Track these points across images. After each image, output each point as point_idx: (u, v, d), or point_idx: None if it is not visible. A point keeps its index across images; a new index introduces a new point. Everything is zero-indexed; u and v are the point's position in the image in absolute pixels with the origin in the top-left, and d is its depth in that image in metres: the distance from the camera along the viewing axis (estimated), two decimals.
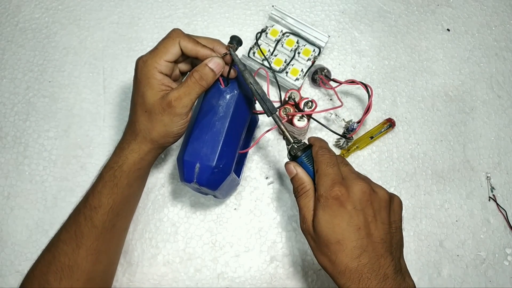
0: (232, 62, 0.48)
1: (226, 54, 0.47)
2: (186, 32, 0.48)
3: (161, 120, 0.45)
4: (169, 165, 0.61)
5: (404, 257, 0.57)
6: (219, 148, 0.46)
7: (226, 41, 0.66)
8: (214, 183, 0.47)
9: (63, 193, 0.60)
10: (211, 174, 0.46)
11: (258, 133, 0.62)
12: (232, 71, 0.49)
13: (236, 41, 0.49)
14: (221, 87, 0.49)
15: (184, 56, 0.48)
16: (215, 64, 0.46)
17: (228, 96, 0.48)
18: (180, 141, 0.61)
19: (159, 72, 0.45)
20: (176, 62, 0.48)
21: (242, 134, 0.50)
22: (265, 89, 0.62)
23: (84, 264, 0.47)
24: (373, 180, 0.43)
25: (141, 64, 0.46)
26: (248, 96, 0.50)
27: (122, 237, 0.54)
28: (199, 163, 0.46)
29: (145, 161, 0.49)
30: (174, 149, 0.61)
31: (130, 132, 0.48)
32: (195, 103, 0.47)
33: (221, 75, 0.48)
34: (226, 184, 0.50)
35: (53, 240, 0.50)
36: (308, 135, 0.62)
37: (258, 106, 0.61)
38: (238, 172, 0.57)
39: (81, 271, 0.47)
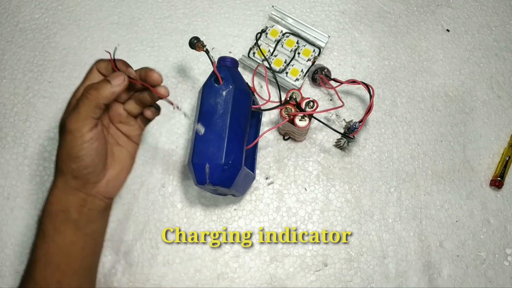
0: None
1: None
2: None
3: (61, 146, 0.43)
4: (169, 165, 0.61)
5: (405, 257, 0.58)
6: (225, 145, 0.46)
7: (226, 41, 0.66)
8: (227, 180, 0.47)
9: None
10: (222, 172, 0.46)
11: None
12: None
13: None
14: (216, 85, 0.48)
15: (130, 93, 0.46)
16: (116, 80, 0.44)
17: (224, 93, 0.48)
18: (186, 144, 0.61)
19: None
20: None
21: (246, 127, 0.50)
22: (265, 89, 0.62)
23: None
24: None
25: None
26: (244, 89, 0.50)
27: None
28: (208, 163, 0.46)
29: (63, 201, 0.44)
30: (175, 149, 0.61)
31: None
32: (195, 104, 0.47)
33: (217, 74, 0.48)
34: (240, 179, 0.50)
35: None
36: (309, 135, 0.62)
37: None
38: (251, 166, 0.57)
39: None
